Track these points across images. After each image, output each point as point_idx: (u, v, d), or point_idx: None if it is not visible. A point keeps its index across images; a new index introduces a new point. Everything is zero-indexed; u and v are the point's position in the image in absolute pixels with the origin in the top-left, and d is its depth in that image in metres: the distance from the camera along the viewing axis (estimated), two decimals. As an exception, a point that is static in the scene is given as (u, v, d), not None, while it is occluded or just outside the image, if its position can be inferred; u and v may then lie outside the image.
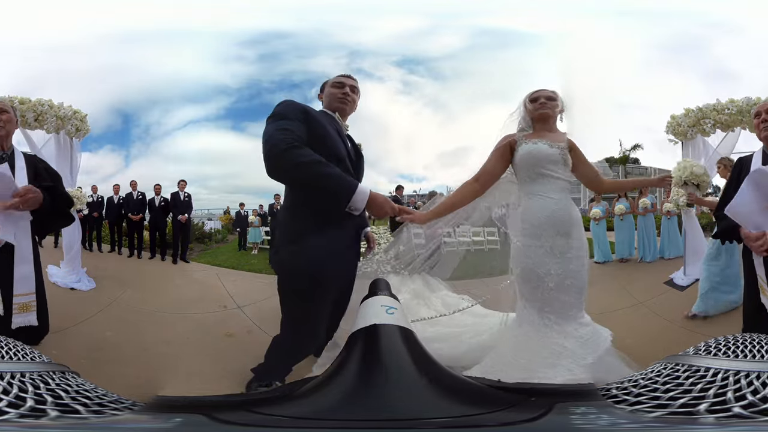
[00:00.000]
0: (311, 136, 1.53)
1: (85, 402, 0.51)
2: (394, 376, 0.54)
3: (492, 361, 1.83)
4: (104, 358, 2.06)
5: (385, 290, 0.83)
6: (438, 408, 0.50)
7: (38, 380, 0.51)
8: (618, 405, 0.50)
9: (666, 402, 0.47)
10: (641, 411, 0.47)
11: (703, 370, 0.51)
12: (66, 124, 3.64)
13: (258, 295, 3.29)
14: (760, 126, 1.80)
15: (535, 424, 0.46)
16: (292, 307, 1.62)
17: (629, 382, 0.54)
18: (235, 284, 3.94)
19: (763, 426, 0.42)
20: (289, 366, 1.72)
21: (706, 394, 0.47)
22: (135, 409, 0.54)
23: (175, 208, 4.82)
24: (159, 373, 1.92)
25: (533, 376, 1.63)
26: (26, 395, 0.47)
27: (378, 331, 0.62)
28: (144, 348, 2.29)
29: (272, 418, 0.50)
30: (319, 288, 1.55)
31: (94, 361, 1.97)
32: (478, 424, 0.47)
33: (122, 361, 2.03)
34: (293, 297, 1.60)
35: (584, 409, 0.50)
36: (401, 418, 0.48)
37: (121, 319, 2.80)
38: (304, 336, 1.66)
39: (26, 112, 3.44)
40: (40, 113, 3.50)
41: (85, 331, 2.46)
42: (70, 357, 1.90)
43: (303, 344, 1.70)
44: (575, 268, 1.78)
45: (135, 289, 3.53)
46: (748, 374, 0.48)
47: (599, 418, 0.48)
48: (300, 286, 1.55)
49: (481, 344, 1.99)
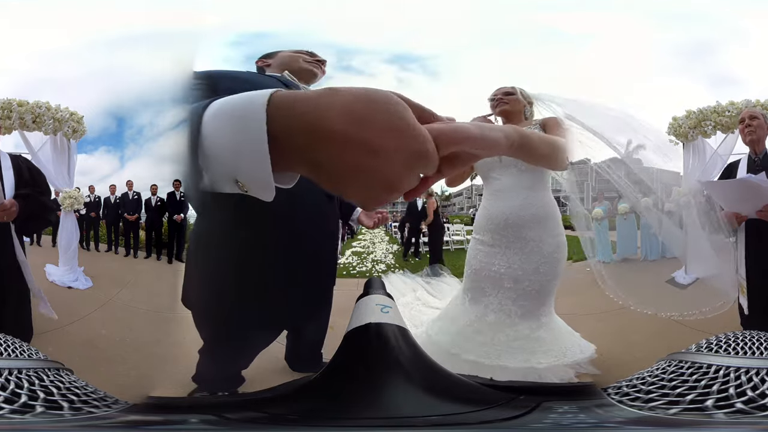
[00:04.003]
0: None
1: (72, 399, 0.51)
2: (390, 375, 0.53)
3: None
4: (99, 356, 2.05)
5: (379, 289, 0.82)
6: (431, 406, 0.49)
7: (33, 377, 0.51)
8: (632, 402, 0.50)
9: (676, 399, 0.48)
10: (658, 408, 0.48)
11: (706, 367, 0.51)
12: (63, 126, 3.67)
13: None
14: (745, 131, 2.05)
15: (512, 423, 0.47)
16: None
17: (638, 379, 0.55)
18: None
19: (764, 421, 0.43)
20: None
21: (710, 391, 0.47)
22: (124, 408, 0.54)
23: (171, 207, 4.82)
24: (152, 372, 1.91)
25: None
26: (21, 391, 0.47)
27: (373, 330, 0.61)
28: (138, 347, 2.28)
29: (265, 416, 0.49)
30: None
31: (89, 359, 1.96)
32: (460, 422, 0.47)
33: (116, 359, 2.02)
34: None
35: (567, 408, 0.50)
36: (396, 416, 0.48)
37: (117, 317, 2.80)
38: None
39: (24, 114, 3.48)
40: (37, 115, 3.55)
41: (81, 329, 2.46)
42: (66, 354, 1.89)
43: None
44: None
45: (130, 289, 3.53)
46: (748, 371, 0.49)
47: (576, 417, 0.49)
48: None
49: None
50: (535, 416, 0.48)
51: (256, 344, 1.34)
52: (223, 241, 1.07)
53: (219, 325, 1.20)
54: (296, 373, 1.73)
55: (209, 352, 1.36)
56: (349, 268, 4.71)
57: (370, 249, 5.80)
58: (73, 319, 2.58)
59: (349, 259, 5.14)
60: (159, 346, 2.34)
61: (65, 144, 3.72)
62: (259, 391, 0.57)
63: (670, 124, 3.84)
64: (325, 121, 0.37)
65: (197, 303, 1.21)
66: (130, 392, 0.59)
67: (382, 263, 5.03)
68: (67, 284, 3.46)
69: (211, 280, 1.13)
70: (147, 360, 2.11)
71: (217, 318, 1.17)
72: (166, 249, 4.80)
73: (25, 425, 0.45)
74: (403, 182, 0.40)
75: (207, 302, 1.15)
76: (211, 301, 1.14)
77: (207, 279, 1.15)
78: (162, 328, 2.65)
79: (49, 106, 3.60)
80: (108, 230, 5.05)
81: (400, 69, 6.79)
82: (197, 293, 1.20)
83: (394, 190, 0.41)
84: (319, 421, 0.49)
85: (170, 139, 0.63)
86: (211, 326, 1.22)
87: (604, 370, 1.83)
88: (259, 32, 5.67)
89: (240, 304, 1.11)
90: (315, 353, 1.67)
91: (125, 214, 4.88)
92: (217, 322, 1.18)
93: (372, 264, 4.96)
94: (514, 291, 1.81)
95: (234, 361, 1.39)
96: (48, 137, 3.64)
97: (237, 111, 0.41)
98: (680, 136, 3.77)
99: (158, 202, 4.89)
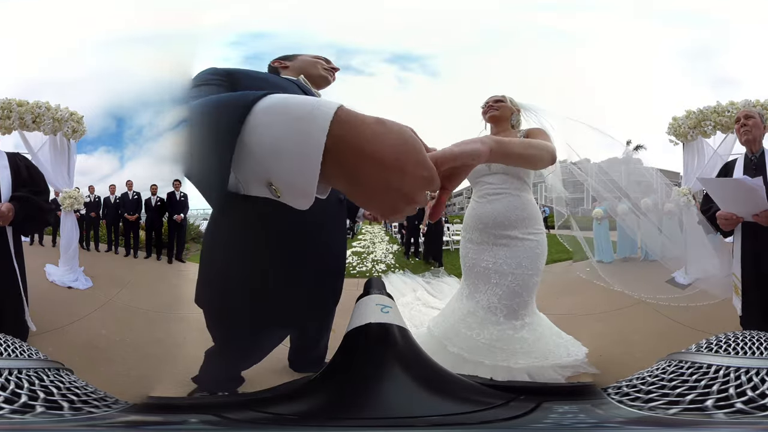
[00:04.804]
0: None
1: (72, 399, 0.50)
2: (390, 375, 0.53)
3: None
4: (99, 356, 2.06)
5: (379, 289, 0.82)
6: (431, 406, 0.49)
7: (33, 377, 0.51)
8: (632, 402, 0.50)
9: (676, 399, 0.48)
10: (658, 408, 0.48)
11: (706, 367, 0.51)
12: (63, 125, 3.68)
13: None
14: (741, 131, 2.03)
15: (512, 423, 0.47)
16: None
17: (638, 380, 0.55)
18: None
19: (764, 421, 0.43)
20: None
21: (710, 391, 0.47)
22: (124, 408, 0.54)
23: (171, 207, 4.82)
24: (152, 372, 1.92)
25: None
26: (21, 391, 0.47)
27: (373, 330, 0.61)
28: (138, 347, 2.28)
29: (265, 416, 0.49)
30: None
31: (89, 359, 1.96)
32: (460, 422, 0.47)
33: (116, 359, 2.02)
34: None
35: (567, 408, 0.50)
36: (396, 416, 0.48)
37: (116, 317, 2.80)
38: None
39: (24, 114, 3.49)
40: (37, 115, 3.56)
41: (81, 329, 2.46)
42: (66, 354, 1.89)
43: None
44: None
45: (130, 289, 3.54)
46: (748, 371, 0.49)
47: (576, 417, 0.49)
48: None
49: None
50: (535, 416, 0.48)
51: (267, 344, 1.34)
52: (239, 240, 1.07)
53: (235, 325, 1.20)
54: (296, 373, 1.73)
55: (219, 353, 1.34)
56: (349, 268, 4.71)
57: (370, 249, 5.81)
58: (73, 319, 2.58)
59: (349, 259, 5.14)
60: (159, 346, 2.35)
61: (65, 144, 3.72)
62: (259, 391, 0.57)
63: (670, 124, 3.84)
64: (379, 151, 0.45)
65: (211, 302, 1.21)
66: (130, 392, 0.58)
67: (382, 263, 5.04)
68: (67, 284, 3.46)
69: (226, 279, 1.14)
70: (147, 360, 2.12)
71: (232, 317, 1.16)
72: (166, 249, 4.81)
73: (25, 425, 0.45)
74: (418, 198, 0.50)
75: (221, 301, 1.16)
76: (225, 300, 1.14)
77: (221, 278, 1.15)
78: (162, 328, 2.65)
79: (48, 106, 3.61)
80: (108, 230, 5.05)
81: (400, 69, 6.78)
82: (211, 292, 1.19)
83: (412, 202, 0.50)
84: (319, 421, 0.49)
85: (182, 132, 0.57)
86: (225, 325, 1.21)
87: (604, 370, 1.85)
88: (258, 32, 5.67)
89: (254, 303, 1.12)
90: (320, 354, 1.67)
91: (125, 214, 4.87)
92: (233, 321, 1.18)
93: (372, 264, 4.97)
94: (499, 287, 1.93)
95: (244, 362, 1.37)
96: (47, 137, 3.65)
97: (298, 112, 0.42)
98: (680, 136, 3.78)
99: (158, 202, 4.89)
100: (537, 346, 1.86)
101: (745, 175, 1.94)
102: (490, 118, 2.03)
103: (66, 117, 3.69)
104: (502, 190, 1.97)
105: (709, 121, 3.60)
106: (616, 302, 3.12)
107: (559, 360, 1.85)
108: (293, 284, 1.13)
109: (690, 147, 3.79)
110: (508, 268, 1.91)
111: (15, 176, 1.78)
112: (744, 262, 1.87)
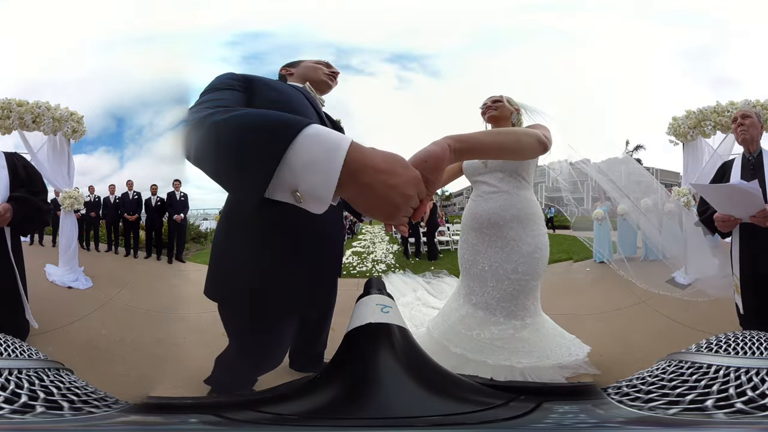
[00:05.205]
0: (262, 104, 1.10)
1: (72, 399, 0.50)
2: (390, 375, 0.53)
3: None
4: (99, 356, 2.06)
5: (379, 289, 0.82)
6: (430, 406, 0.49)
7: (33, 377, 0.51)
8: (632, 402, 0.50)
9: (676, 399, 0.48)
10: (658, 408, 0.48)
11: (706, 367, 0.51)
12: (63, 125, 3.68)
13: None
14: (738, 130, 2.03)
15: (512, 423, 0.47)
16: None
17: (638, 380, 0.55)
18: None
19: (764, 421, 0.42)
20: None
21: (710, 391, 0.47)
22: (123, 408, 0.53)
23: (171, 207, 4.82)
24: (152, 372, 1.92)
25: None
26: (21, 391, 0.47)
27: (373, 330, 0.61)
28: (138, 347, 2.28)
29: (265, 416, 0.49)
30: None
31: (89, 359, 1.96)
32: (460, 422, 0.47)
33: (116, 359, 2.02)
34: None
35: (567, 408, 0.50)
36: (396, 416, 0.47)
37: (117, 317, 2.80)
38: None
39: (24, 114, 3.49)
40: (37, 115, 3.56)
41: (81, 329, 2.46)
42: (66, 354, 1.90)
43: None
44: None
45: (130, 289, 3.54)
46: (748, 371, 0.49)
47: (576, 417, 0.49)
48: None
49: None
50: (535, 416, 0.48)
51: (284, 335, 1.36)
52: (253, 231, 1.16)
53: (255, 315, 1.24)
54: (296, 372, 1.73)
55: (234, 352, 1.37)
56: (349, 268, 4.71)
57: (370, 249, 5.81)
58: (73, 319, 2.58)
59: (349, 259, 5.14)
60: (159, 346, 2.35)
61: (64, 144, 3.71)
62: (259, 391, 0.57)
63: (670, 124, 3.84)
64: (374, 162, 0.61)
65: (230, 295, 1.24)
66: (130, 392, 0.58)
67: (382, 263, 5.03)
68: (67, 284, 3.46)
69: (243, 269, 1.19)
70: (147, 360, 2.12)
71: (253, 304, 1.21)
72: (166, 249, 4.82)
73: (25, 425, 0.44)
74: (410, 192, 0.65)
75: (241, 292, 1.20)
76: (245, 291, 1.19)
77: (239, 268, 1.20)
78: (162, 328, 2.65)
79: (48, 106, 3.61)
80: (108, 230, 5.05)
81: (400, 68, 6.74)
82: (229, 284, 1.22)
83: (407, 199, 0.65)
84: (319, 421, 0.49)
85: (220, 138, 0.72)
86: (247, 313, 1.24)
87: (604, 370, 1.84)
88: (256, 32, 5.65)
89: (271, 290, 1.18)
90: (320, 351, 1.69)
91: (125, 214, 4.88)
92: (253, 309, 1.22)
93: (372, 264, 4.96)
94: (496, 290, 1.89)
95: (261, 359, 1.38)
96: (47, 138, 3.64)
97: (329, 143, 0.59)
98: (680, 136, 3.78)
99: (158, 202, 4.90)
100: (539, 346, 1.83)
101: (742, 174, 1.94)
102: (489, 118, 2.02)
103: (66, 117, 3.69)
104: (499, 188, 1.95)
105: (709, 121, 3.60)
106: (616, 302, 3.12)
107: (560, 360, 1.82)
108: (300, 267, 1.21)
109: (690, 147, 3.79)
110: (504, 273, 1.87)
111: (13, 176, 1.76)
112: (742, 263, 1.87)
